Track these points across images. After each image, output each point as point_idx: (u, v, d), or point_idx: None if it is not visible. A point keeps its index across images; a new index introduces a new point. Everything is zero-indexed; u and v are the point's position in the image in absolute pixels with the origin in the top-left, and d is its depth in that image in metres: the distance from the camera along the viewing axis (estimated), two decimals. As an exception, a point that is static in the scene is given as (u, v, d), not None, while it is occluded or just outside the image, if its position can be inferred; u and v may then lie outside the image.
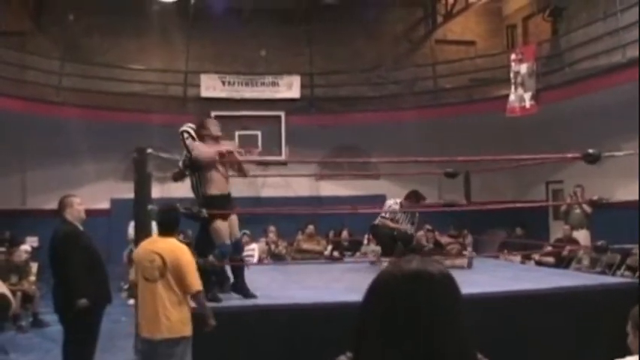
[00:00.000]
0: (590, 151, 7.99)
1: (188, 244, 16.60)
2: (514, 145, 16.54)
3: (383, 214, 11.96)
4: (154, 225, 8.10)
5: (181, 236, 16.77)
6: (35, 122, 18.04)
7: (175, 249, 6.31)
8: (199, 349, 6.42)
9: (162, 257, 6.24)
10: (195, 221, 7.92)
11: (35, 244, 15.98)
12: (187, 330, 6.22)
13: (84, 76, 19.38)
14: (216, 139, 7.97)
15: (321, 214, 17.90)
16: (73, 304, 7.07)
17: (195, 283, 6.22)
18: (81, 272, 7.13)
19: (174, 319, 6.16)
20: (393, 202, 12.15)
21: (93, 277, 7.20)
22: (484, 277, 9.38)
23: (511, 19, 23.15)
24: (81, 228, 7.55)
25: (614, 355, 4.10)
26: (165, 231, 6.48)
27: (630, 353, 4.07)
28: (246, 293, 7.67)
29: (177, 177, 8.39)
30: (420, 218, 12.26)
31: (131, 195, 7.88)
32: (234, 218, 8.00)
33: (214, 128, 8.05)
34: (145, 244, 6.54)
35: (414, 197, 11.97)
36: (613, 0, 15.53)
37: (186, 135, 8.08)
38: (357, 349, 1.97)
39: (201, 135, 7.93)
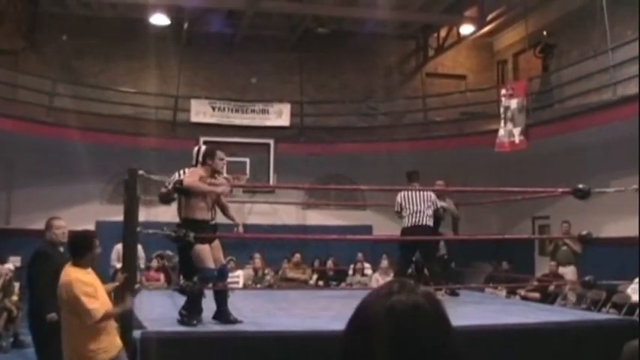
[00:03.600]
0: (580, 186, 8.01)
1: (163, 268, 16.61)
2: (501, 180, 16.54)
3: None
4: (140, 248, 8.07)
5: (158, 259, 16.90)
6: (25, 142, 17.98)
7: (68, 281, 5.97)
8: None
9: (60, 289, 6.02)
10: (178, 244, 7.84)
11: (18, 264, 15.82)
12: None
13: (75, 97, 19.33)
14: (214, 173, 7.93)
15: (309, 242, 17.94)
16: (42, 321, 7.02)
17: (88, 313, 5.79)
18: (47, 292, 6.89)
19: (79, 352, 5.91)
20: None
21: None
22: (470, 309, 9.35)
23: (502, 55, 23.29)
24: (60, 249, 7.48)
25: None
26: (75, 258, 6.19)
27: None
28: (228, 319, 7.57)
29: (166, 199, 8.34)
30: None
31: (116, 217, 7.84)
32: (217, 244, 7.94)
33: (220, 164, 7.99)
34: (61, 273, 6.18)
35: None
36: (604, 38, 15.64)
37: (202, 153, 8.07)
38: None
39: (205, 162, 7.87)
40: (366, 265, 17.53)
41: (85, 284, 5.98)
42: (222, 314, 7.61)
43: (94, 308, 5.84)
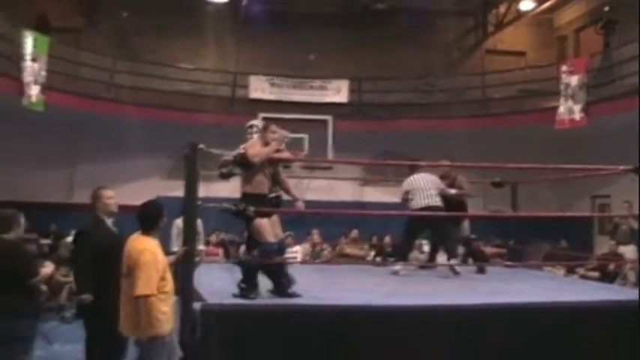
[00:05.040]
0: (642, 163, 7.87)
1: (222, 243, 16.80)
2: (561, 158, 16.33)
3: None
4: (199, 222, 8.14)
5: (217, 235, 17.09)
6: (86, 118, 18.29)
7: (139, 249, 6.08)
8: (239, 348, 6.45)
9: (129, 255, 6.11)
10: (239, 219, 7.87)
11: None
12: (152, 331, 5.99)
13: (135, 74, 19.61)
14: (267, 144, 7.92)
15: (366, 218, 17.97)
16: (78, 299, 7.11)
17: (140, 286, 5.89)
18: (85, 269, 7.04)
19: (139, 318, 5.98)
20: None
21: (103, 274, 6.83)
22: (527, 286, 9.29)
23: (562, 31, 22.96)
24: (108, 222, 7.40)
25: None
26: (144, 228, 6.26)
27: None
28: (286, 293, 7.60)
29: (226, 175, 8.39)
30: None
31: (175, 193, 7.91)
32: (276, 219, 7.97)
33: (275, 135, 7.93)
34: (128, 241, 6.29)
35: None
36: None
37: (255, 129, 8.10)
38: None
39: (264, 138, 7.89)
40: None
41: (156, 257, 6.10)
42: (280, 288, 7.65)
43: (152, 286, 5.96)
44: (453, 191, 11.04)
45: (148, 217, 6.31)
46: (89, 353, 7.20)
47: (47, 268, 7.17)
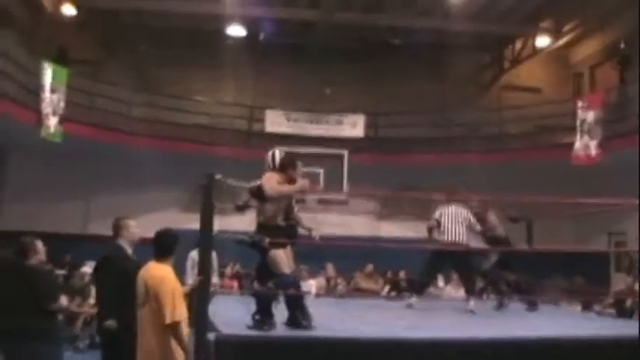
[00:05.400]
0: (659, 198, 7.84)
1: (237, 275, 16.81)
2: (578, 193, 16.28)
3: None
4: (214, 255, 8.14)
5: (232, 267, 17.08)
6: (103, 149, 18.37)
7: (158, 276, 6.13)
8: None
9: (146, 284, 6.13)
10: (255, 250, 7.87)
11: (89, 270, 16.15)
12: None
13: (153, 106, 19.75)
14: (290, 182, 7.91)
15: (381, 253, 17.86)
16: (102, 325, 7.11)
17: (170, 314, 5.94)
18: (111, 295, 7.07)
19: (153, 349, 6.02)
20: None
21: (126, 301, 6.76)
22: (544, 321, 9.24)
23: (578, 67, 23.00)
24: (129, 251, 7.48)
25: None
26: (160, 256, 6.29)
27: None
28: (301, 325, 7.56)
29: (242, 207, 8.42)
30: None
31: (191, 226, 7.91)
32: (289, 251, 7.97)
33: (299, 172, 7.98)
34: (142, 269, 6.34)
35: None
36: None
37: (277, 159, 8.10)
38: None
39: (285, 171, 7.89)
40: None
41: (176, 284, 6.14)
42: (294, 320, 7.63)
43: (180, 313, 6.00)
44: (478, 228, 11.03)
45: (164, 245, 6.35)
46: None
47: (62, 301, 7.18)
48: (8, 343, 6.82)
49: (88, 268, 14.76)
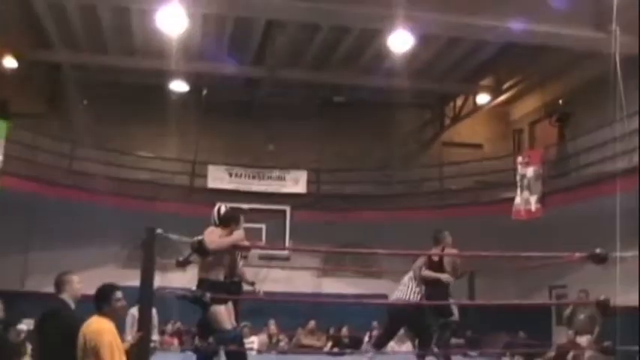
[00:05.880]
0: (598, 250, 7.92)
1: (177, 332, 16.58)
2: (518, 248, 16.47)
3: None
4: (154, 312, 8.04)
5: (172, 324, 16.88)
6: (42, 203, 18.08)
7: (97, 330, 6.12)
8: None
9: (84, 337, 6.12)
10: (197, 305, 7.78)
11: (31, 327, 15.75)
12: None
13: (94, 161, 19.57)
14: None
15: (323, 309, 17.87)
16: None
17: None
18: (54, 351, 6.84)
19: None
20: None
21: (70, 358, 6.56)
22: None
23: (518, 124, 23.42)
24: (72, 306, 7.29)
25: None
26: (99, 309, 6.32)
27: None
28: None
29: (183, 263, 8.37)
30: None
31: (131, 282, 7.79)
32: (230, 307, 7.89)
33: (241, 227, 7.98)
34: (84, 325, 6.31)
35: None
36: (620, 106, 15.66)
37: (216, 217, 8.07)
38: None
39: (229, 225, 7.86)
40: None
41: (115, 338, 6.11)
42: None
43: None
44: (426, 273, 10.89)
45: (101, 297, 6.34)
46: None
47: None
48: None
49: (24, 326, 14.46)
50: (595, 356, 13.09)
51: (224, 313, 7.52)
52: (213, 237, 7.63)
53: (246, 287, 8.87)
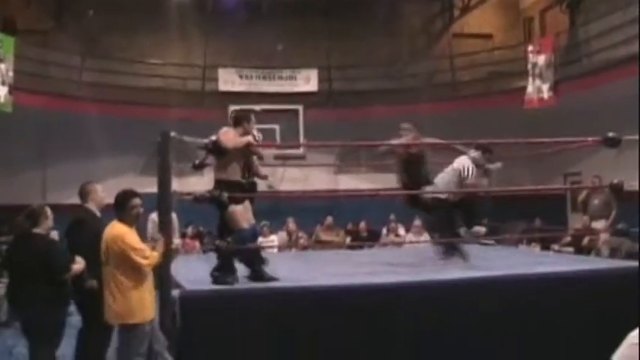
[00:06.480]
0: (610, 134, 7.95)
1: (199, 235, 16.84)
2: (532, 138, 16.50)
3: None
4: (174, 216, 8.14)
5: (193, 228, 17.11)
6: (56, 118, 18.17)
7: (116, 233, 6.37)
8: (219, 333, 6.48)
9: (106, 242, 6.39)
10: (213, 206, 7.84)
11: (56, 238, 16.01)
12: (133, 318, 6.26)
13: (104, 71, 19.56)
14: (246, 134, 7.90)
15: (341, 205, 18.01)
16: (83, 287, 7.20)
17: (140, 261, 6.25)
18: (87, 256, 7.11)
19: (119, 306, 6.28)
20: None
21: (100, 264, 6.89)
22: (503, 261, 9.39)
23: (528, 12, 23.09)
24: (98, 214, 7.70)
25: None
26: (117, 216, 6.56)
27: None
28: (263, 278, 7.57)
29: (199, 166, 8.42)
30: None
31: (149, 189, 7.88)
32: (247, 205, 7.94)
33: (253, 126, 8.00)
34: (105, 230, 6.57)
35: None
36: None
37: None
38: None
39: (241, 124, 7.89)
40: (399, 225, 17.56)
41: (135, 236, 6.41)
42: (256, 274, 7.66)
43: (151, 255, 6.35)
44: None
45: (119, 204, 6.56)
46: (85, 344, 7.44)
47: (78, 264, 7.18)
48: (24, 310, 7.20)
49: (55, 235, 14.68)
50: (609, 240, 13.26)
51: (242, 212, 7.60)
52: (229, 136, 7.67)
53: (262, 186, 8.89)
